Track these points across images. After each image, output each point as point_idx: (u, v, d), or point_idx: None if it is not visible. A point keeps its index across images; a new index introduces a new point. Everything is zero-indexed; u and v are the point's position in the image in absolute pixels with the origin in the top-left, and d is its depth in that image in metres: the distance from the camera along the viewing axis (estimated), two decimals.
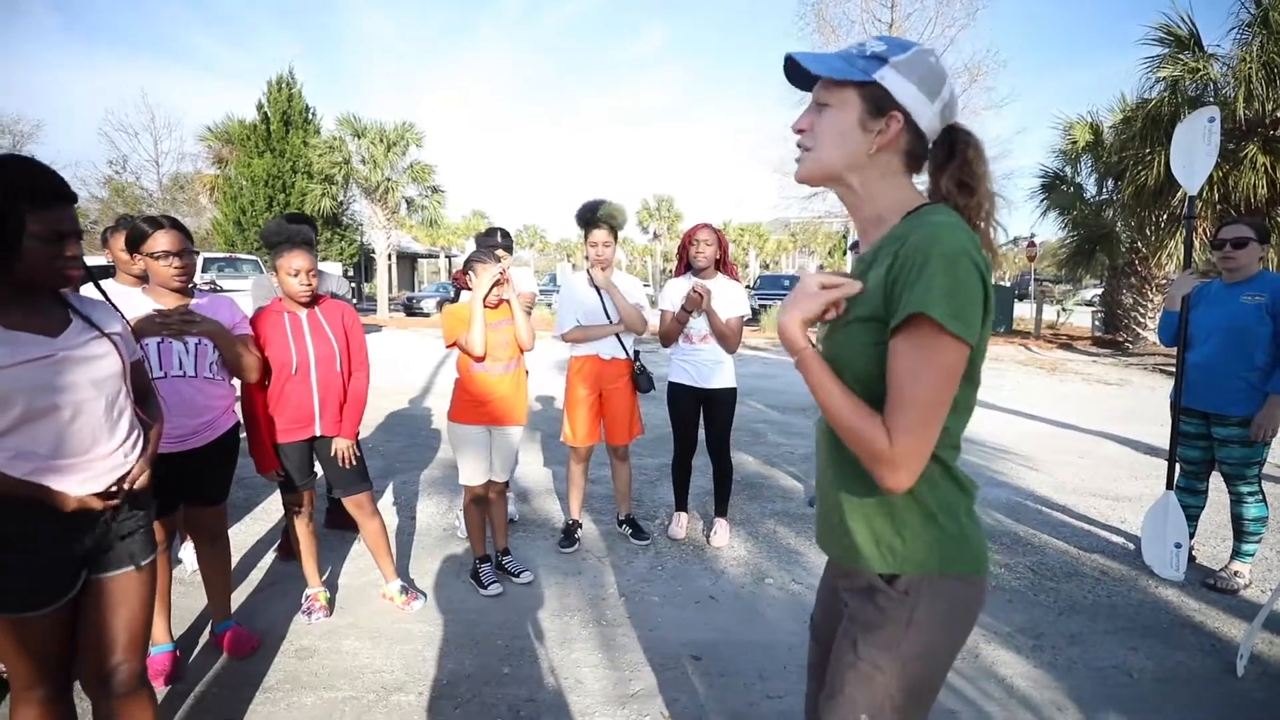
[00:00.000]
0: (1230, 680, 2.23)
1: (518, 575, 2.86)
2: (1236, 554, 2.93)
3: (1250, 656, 2.29)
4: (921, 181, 1.06)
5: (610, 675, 2.23)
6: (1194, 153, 2.95)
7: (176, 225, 2.11)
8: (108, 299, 1.49)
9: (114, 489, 1.39)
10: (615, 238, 3.17)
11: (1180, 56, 10.13)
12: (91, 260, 1.72)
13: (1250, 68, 9.35)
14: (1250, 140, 9.72)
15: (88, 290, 1.53)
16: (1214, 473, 3.03)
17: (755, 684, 2.18)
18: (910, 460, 0.88)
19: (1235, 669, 2.26)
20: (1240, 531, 2.90)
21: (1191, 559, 3.13)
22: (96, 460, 1.36)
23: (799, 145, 1.05)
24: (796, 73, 1.03)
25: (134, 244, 2.07)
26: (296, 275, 2.34)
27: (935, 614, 0.98)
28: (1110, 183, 12.87)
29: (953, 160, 1.01)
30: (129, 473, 1.43)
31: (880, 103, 0.98)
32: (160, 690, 2.06)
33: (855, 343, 0.96)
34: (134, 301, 2.07)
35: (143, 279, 2.22)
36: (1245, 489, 2.85)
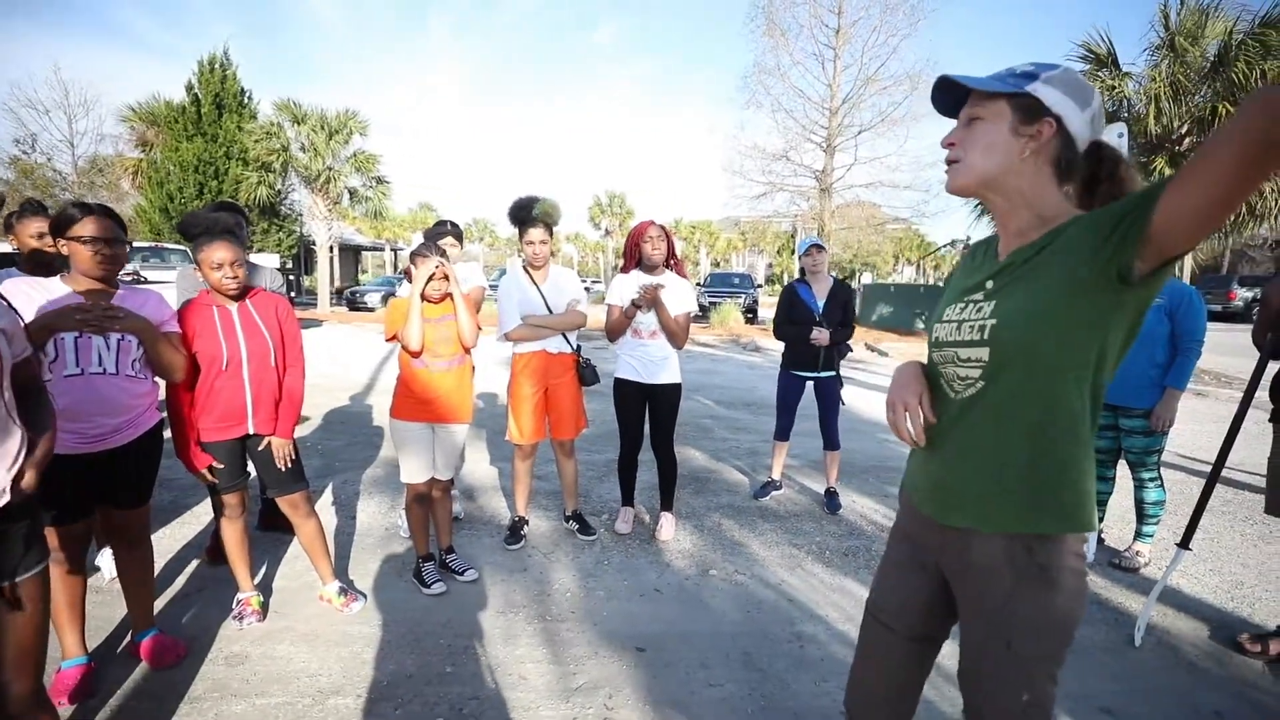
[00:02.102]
0: (1129, 650, 2.43)
1: (462, 573, 2.83)
2: (1138, 535, 3.18)
3: (1146, 628, 2.50)
4: None
5: (554, 670, 2.23)
6: None
7: (110, 214, 1.99)
8: None
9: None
10: (551, 234, 3.16)
11: (1099, 74, 10.87)
12: None
13: (1159, 87, 10.11)
14: (1159, 154, 10.51)
15: None
16: (1120, 461, 3.27)
17: (697, 673, 2.23)
18: None
19: (1134, 640, 2.46)
20: (1141, 515, 3.15)
21: (1100, 541, 3.38)
22: None
23: (948, 160, 1.09)
24: (944, 98, 1.11)
25: (59, 228, 1.94)
26: (220, 269, 2.22)
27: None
28: None
29: (1105, 178, 1.08)
30: (18, 475, 1.30)
31: (1031, 111, 1.04)
32: (68, 709, 1.94)
33: (1068, 304, 1.00)
34: (50, 291, 1.94)
35: (51, 267, 2.08)
36: (1146, 475, 3.09)
